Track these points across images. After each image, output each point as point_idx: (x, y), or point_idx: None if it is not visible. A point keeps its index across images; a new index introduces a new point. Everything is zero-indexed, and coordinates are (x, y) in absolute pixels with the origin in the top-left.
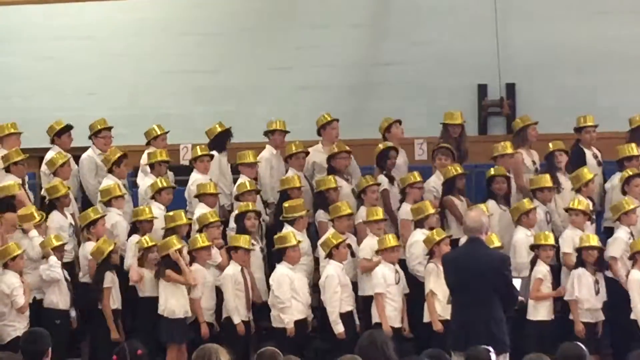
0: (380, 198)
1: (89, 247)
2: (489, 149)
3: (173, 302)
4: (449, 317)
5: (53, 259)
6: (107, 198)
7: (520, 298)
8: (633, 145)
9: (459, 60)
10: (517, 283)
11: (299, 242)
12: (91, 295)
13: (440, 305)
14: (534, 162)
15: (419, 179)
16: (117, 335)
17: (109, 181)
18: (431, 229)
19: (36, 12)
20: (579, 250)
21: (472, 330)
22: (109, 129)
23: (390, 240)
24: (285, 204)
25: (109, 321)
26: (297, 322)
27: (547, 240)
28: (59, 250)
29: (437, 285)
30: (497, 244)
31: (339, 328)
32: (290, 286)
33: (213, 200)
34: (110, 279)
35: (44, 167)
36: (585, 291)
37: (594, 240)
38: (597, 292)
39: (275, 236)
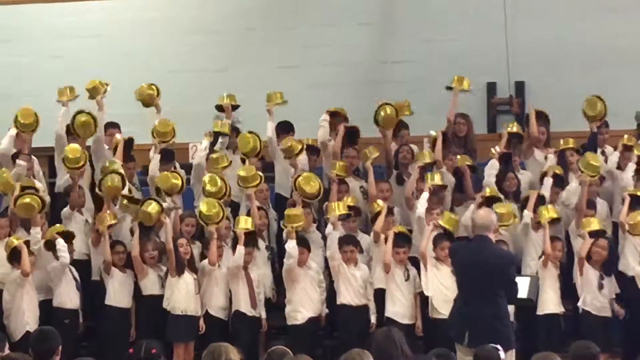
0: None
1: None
2: None
3: (175, 298)
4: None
5: (60, 241)
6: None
7: (524, 296)
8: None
9: (468, 58)
10: (526, 282)
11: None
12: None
13: (438, 301)
14: (546, 159)
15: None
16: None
17: None
18: None
19: (45, 11)
20: None
21: (477, 327)
22: (112, 125)
23: None
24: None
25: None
26: (309, 320)
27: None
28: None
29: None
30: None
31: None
32: (299, 283)
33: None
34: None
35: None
36: (589, 285)
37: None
38: (601, 288)
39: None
